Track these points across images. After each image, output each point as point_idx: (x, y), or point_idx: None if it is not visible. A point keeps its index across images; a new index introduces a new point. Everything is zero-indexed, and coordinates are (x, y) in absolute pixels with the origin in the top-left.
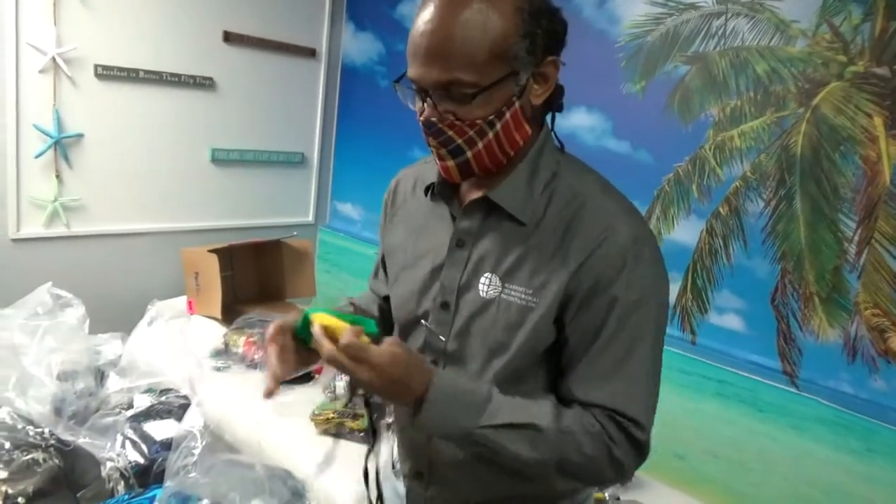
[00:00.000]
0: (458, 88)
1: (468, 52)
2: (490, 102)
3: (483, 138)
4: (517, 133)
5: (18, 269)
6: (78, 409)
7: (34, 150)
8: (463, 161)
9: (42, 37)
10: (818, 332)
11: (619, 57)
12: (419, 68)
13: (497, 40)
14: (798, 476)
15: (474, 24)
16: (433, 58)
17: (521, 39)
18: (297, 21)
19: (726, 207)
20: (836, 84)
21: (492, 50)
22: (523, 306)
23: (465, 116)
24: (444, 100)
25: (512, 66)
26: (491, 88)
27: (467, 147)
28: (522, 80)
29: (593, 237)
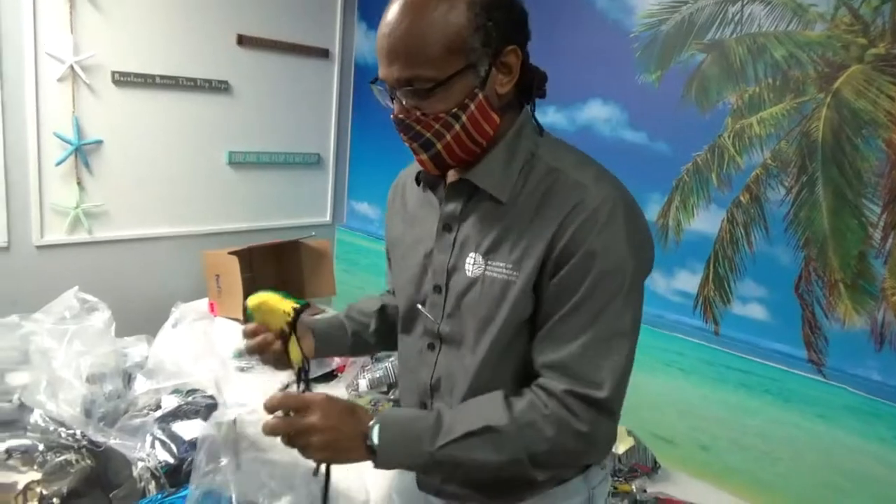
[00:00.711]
0: (418, 84)
1: (425, 49)
2: (451, 95)
3: (450, 130)
4: (486, 123)
5: (43, 276)
6: (107, 410)
7: (55, 157)
8: (434, 154)
9: (60, 46)
10: (844, 320)
11: (633, 47)
12: (384, 68)
13: (451, 36)
14: (826, 465)
15: (428, 23)
16: (394, 57)
17: (475, 33)
18: (309, 22)
19: (747, 195)
20: (856, 67)
21: (447, 45)
22: (505, 280)
23: (430, 110)
24: (409, 96)
25: (468, 59)
26: (449, 82)
27: (436, 140)
28: (482, 72)
29: (566, 205)
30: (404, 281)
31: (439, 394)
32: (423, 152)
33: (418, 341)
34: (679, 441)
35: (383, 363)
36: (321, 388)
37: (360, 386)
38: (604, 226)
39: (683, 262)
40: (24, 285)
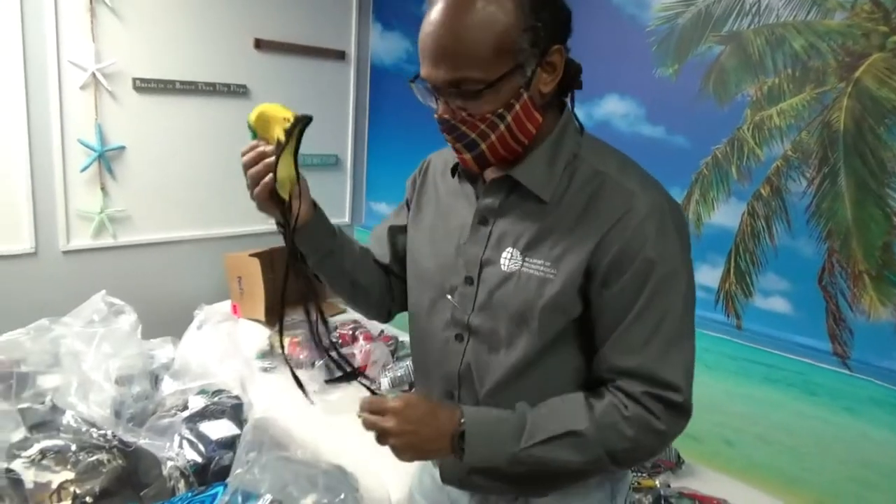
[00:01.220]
0: (466, 85)
1: (474, 50)
2: (498, 96)
3: (495, 131)
4: (529, 122)
5: (70, 280)
6: (136, 411)
7: (79, 164)
8: (478, 153)
9: (82, 54)
10: (869, 312)
11: (650, 41)
12: (429, 69)
13: (500, 37)
14: (854, 459)
15: (478, 24)
16: (441, 58)
17: (524, 33)
18: (325, 24)
19: (768, 188)
20: (877, 55)
21: (496, 47)
22: (542, 278)
23: (476, 111)
24: (455, 97)
25: (517, 59)
26: (498, 83)
27: (481, 140)
28: (528, 72)
29: (614, 211)
30: (432, 268)
31: (468, 383)
32: (466, 152)
33: (444, 331)
34: (703, 437)
35: (404, 362)
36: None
37: (381, 385)
38: (658, 233)
39: (704, 257)
40: (52, 290)
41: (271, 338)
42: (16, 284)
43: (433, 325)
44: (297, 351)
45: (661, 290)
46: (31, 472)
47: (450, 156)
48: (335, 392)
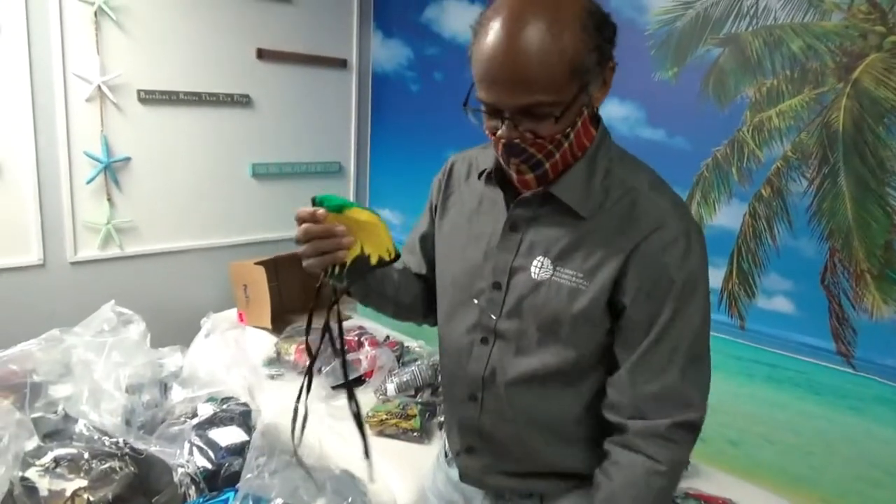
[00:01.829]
0: (540, 109)
1: (548, 76)
2: (569, 117)
3: (560, 150)
4: (585, 137)
5: (78, 291)
6: (146, 419)
7: (85, 176)
8: (542, 172)
9: (87, 67)
10: (872, 310)
11: (649, 45)
12: (497, 94)
13: (572, 60)
14: (859, 457)
15: (550, 49)
16: (513, 84)
17: (591, 53)
18: (326, 33)
19: (768, 189)
20: (875, 56)
21: (568, 70)
22: (573, 288)
23: (546, 133)
24: (525, 120)
25: (584, 79)
26: (571, 105)
27: (546, 160)
28: (591, 91)
29: (646, 227)
30: (459, 272)
31: (491, 386)
32: (529, 172)
33: (469, 334)
34: (708, 437)
35: (410, 367)
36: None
37: (388, 390)
38: (684, 253)
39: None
40: (61, 301)
41: (278, 345)
42: (25, 296)
43: (458, 328)
44: (304, 358)
45: (683, 310)
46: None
47: (475, 157)
48: (342, 398)
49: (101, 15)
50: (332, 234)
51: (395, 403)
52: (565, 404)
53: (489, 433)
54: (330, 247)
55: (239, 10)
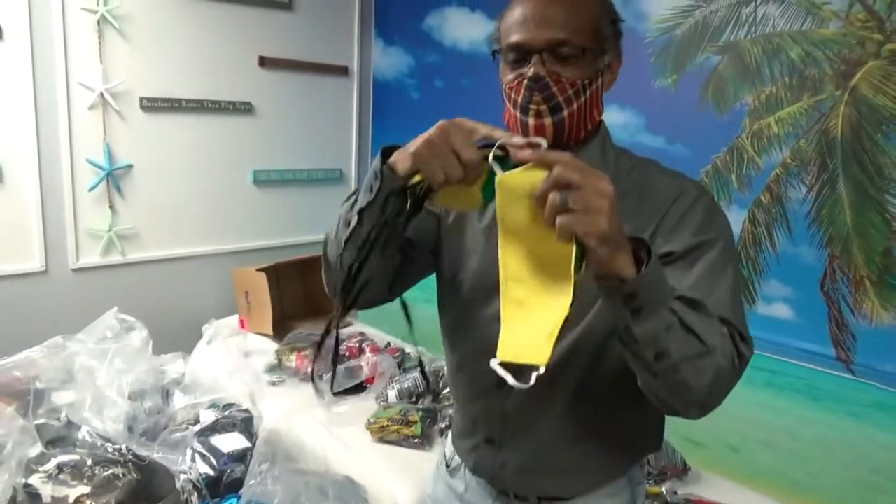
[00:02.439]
0: (566, 48)
1: (578, 17)
2: (587, 67)
3: (578, 99)
4: (595, 109)
5: (80, 298)
6: (148, 426)
7: (88, 183)
8: (559, 119)
9: (90, 75)
10: (872, 316)
11: (649, 52)
12: (532, 31)
13: (596, 16)
14: (859, 463)
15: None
16: (549, 19)
17: (609, 25)
18: (327, 41)
19: (768, 195)
20: (873, 63)
21: (593, 21)
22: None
23: (569, 76)
24: (554, 59)
25: (602, 42)
26: (589, 53)
27: (566, 105)
28: (606, 60)
29: (669, 196)
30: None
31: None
32: (549, 116)
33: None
34: (709, 443)
35: (411, 373)
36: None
37: (389, 397)
38: (710, 205)
39: None
40: (63, 307)
41: (279, 351)
42: (27, 303)
43: (483, 317)
44: (305, 364)
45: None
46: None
47: None
48: (343, 404)
49: (104, 23)
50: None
51: (396, 410)
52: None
53: (513, 425)
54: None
55: (241, 17)
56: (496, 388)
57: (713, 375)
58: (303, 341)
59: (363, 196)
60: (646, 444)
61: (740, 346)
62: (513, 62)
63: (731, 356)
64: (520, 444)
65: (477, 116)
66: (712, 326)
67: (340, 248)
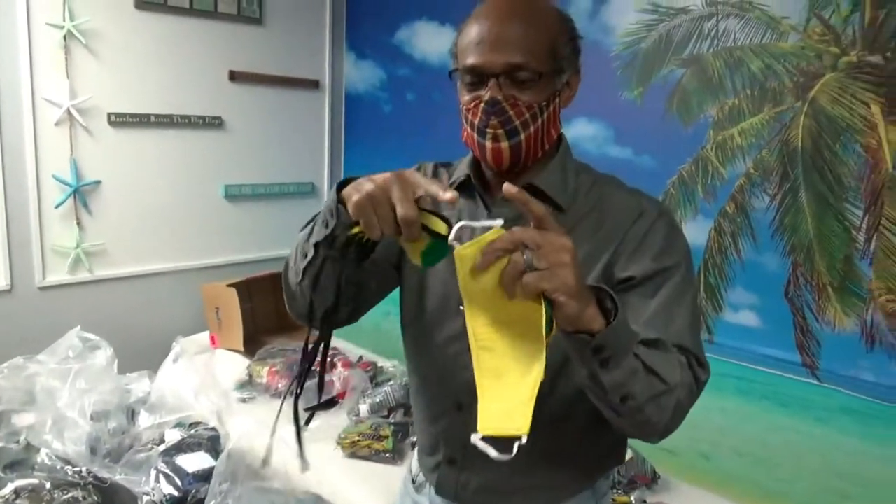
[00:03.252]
0: (522, 73)
1: (536, 39)
2: (543, 91)
3: (535, 123)
4: (552, 128)
5: (46, 316)
6: (112, 447)
7: (54, 199)
8: (517, 143)
9: (56, 90)
10: (834, 322)
11: (615, 66)
12: (488, 55)
13: (552, 37)
14: (827, 469)
15: (539, 19)
16: (504, 43)
17: (566, 44)
18: (298, 55)
19: (732, 205)
20: (831, 75)
21: (550, 43)
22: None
23: (525, 100)
24: (510, 84)
25: (559, 64)
26: (545, 77)
27: (522, 129)
28: (563, 80)
29: (629, 216)
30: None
31: None
32: (506, 139)
33: (454, 343)
34: (679, 450)
35: (383, 388)
36: (321, 414)
37: (360, 411)
38: (670, 227)
39: None
40: (28, 327)
41: (250, 367)
42: None
43: (441, 338)
44: (276, 380)
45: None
46: None
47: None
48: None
49: (70, 38)
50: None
51: (368, 424)
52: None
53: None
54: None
55: (210, 32)
56: (456, 409)
57: (674, 409)
58: (275, 356)
59: (319, 230)
60: (609, 460)
61: (697, 371)
62: (469, 84)
63: (689, 384)
64: (481, 465)
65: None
66: (672, 362)
67: (299, 276)
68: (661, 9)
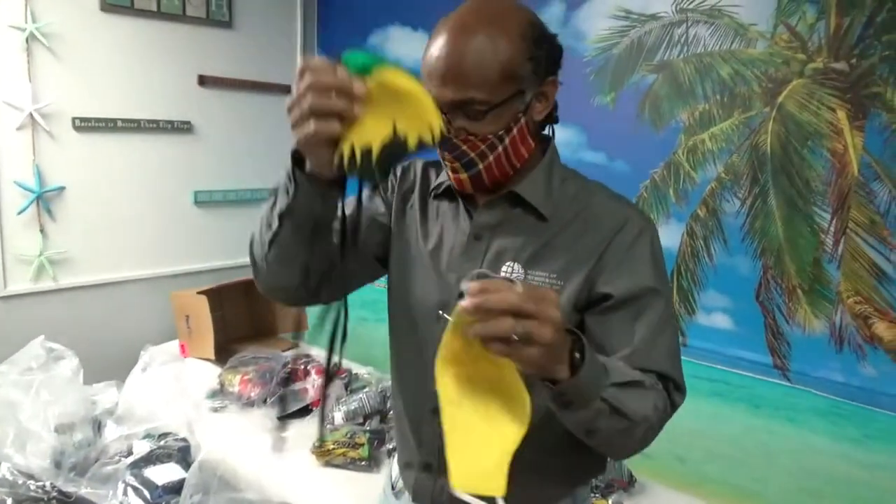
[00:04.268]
0: (471, 106)
1: (481, 73)
2: (500, 119)
3: (493, 152)
4: (523, 147)
5: (9, 327)
6: (78, 460)
7: (16, 206)
8: (475, 173)
9: (18, 94)
10: (804, 324)
11: (587, 71)
12: (438, 88)
13: (506, 63)
14: (799, 468)
15: (485, 48)
16: (448, 79)
17: (527, 62)
18: (269, 59)
19: (704, 209)
20: (798, 81)
21: (501, 71)
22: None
23: (478, 132)
24: (458, 117)
25: (519, 85)
26: (501, 106)
27: (479, 160)
28: (527, 99)
29: (613, 225)
30: (421, 287)
31: None
32: (463, 171)
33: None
34: (655, 453)
35: (358, 394)
36: (295, 423)
37: (335, 419)
38: (653, 242)
39: None
40: None
41: (222, 376)
42: None
43: (420, 341)
44: (248, 388)
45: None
46: None
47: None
48: (288, 429)
49: (32, 41)
50: (348, 92)
51: (343, 432)
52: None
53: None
54: (341, 107)
55: (179, 35)
56: (431, 413)
57: (643, 437)
58: (247, 364)
59: (281, 198)
60: (588, 470)
61: (675, 396)
62: None
63: (663, 409)
64: None
65: None
66: (646, 398)
67: (265, 248)
68: (633, 15)
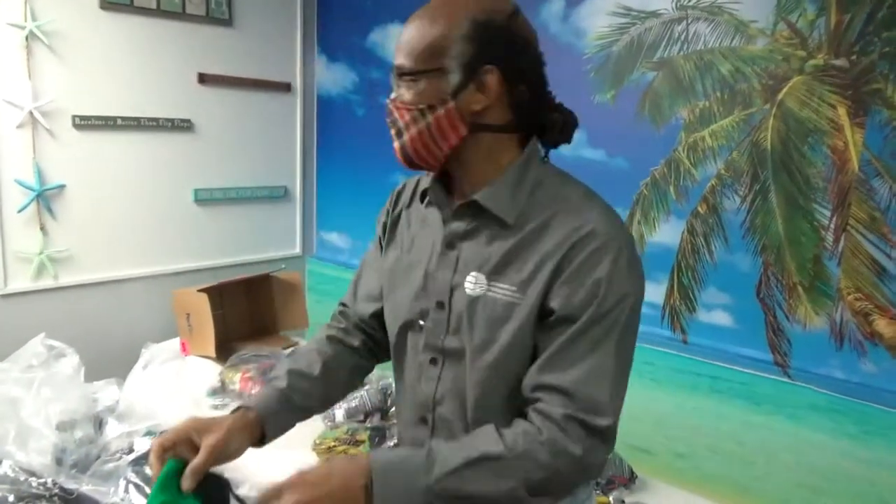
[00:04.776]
0: (405, 75)
1: (412, 43)
2: (421, 92)
3: (416, 124)
4: (451, 132)
5: (10, 325)
6: (79, 457)
7: (17, 204)
8: (402, 144)
9: (18, 92)
10: (805, 321)
11: (587, 69)
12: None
13: (436, 37)
14: (799, 465)
15: (425, 23)
16: (401, 45)
17: (459, 41)
18: (269, 57)
19: (704, 206)
20: (798, 78)
21: (428, 44)
22: (509, 302)
23: (404, 100)
24: (397, 83)
25: (441, 63)
26: (420, 75)
27: (405, 130)
28: (453, 81)
29: (575, 234)
30: (403, 297)
31: (442, 407)
32: (396, 139)
33: (419, 356)
34: (655, 450)
35: (359, 392)
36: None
37: (336, 417)
38: (615, 259)
39: (648, 274)
40: None
41: (222, 374)
42: None
43: (408, 351)
44: (249, 386)
45: (607, 315)
46: None
47: (418, 182)
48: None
49: (32, 39)
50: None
51: (344, 430)
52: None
53: None
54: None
55: (179, 33)
56: (421, 423)
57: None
58: (248, 362)
59: None
60: None
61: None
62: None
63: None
64: None
65: None
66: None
67: None
68: (633, 12)
